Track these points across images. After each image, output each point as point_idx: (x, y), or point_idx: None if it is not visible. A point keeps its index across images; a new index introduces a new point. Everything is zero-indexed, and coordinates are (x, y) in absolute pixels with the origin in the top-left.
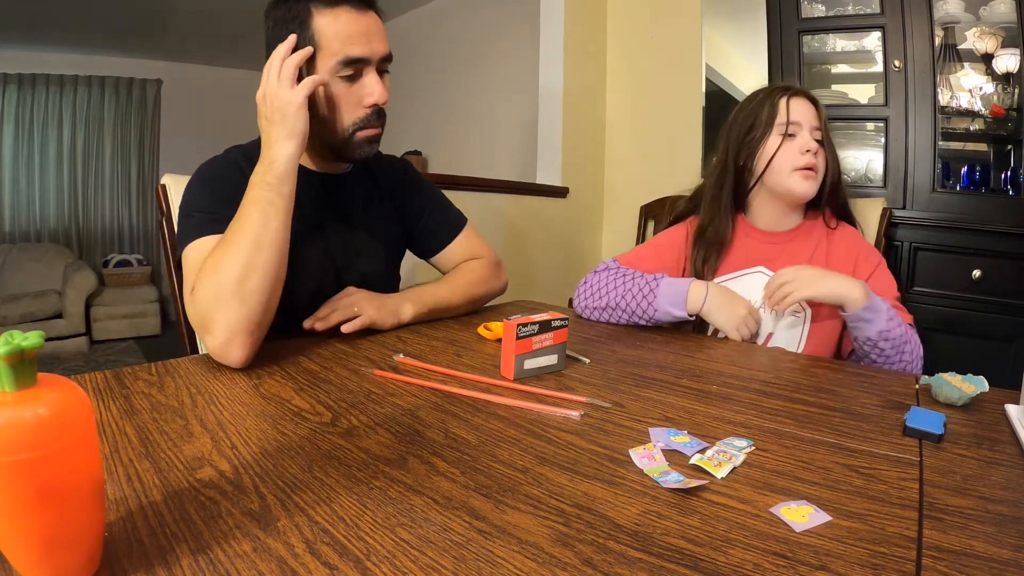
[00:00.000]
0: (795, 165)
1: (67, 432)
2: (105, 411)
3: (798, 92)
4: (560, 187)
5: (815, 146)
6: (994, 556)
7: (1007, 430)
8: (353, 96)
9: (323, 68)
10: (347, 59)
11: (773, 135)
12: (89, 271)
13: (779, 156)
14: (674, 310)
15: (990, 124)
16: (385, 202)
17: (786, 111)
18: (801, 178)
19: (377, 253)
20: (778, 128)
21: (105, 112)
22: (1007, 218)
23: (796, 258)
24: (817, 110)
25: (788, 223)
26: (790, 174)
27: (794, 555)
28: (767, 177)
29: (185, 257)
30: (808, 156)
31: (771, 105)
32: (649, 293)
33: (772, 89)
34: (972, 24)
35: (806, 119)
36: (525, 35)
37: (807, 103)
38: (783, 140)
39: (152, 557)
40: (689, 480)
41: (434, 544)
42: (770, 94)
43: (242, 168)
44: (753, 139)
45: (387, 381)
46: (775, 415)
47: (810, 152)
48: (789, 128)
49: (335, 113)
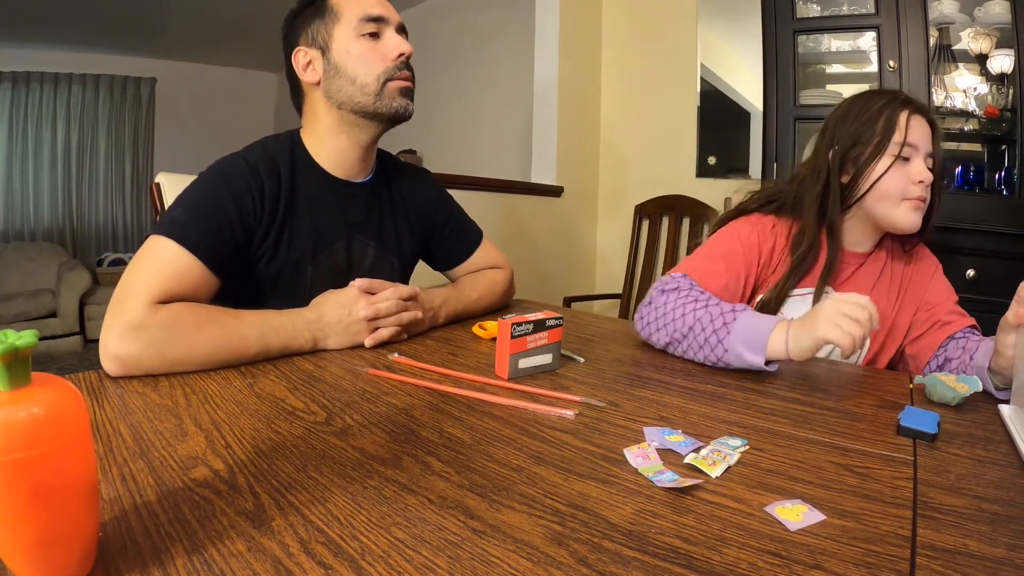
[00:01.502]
0: (906, 195)
1: (61, 431)
2: (99, 410)
3: (920, 109)
4: (555, 186)
5: (929, 177)
6: (988, 555)
7: (1001, 430)
8: (378, 52)
9: (345, 31)
10: (367, 16)
11: (886, 155)
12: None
13: (889, 180)
14: (748, 354)
15: (984, 124)
16: (402, 214)
17: (904, 130)
18: (910, 209)
19: (392, 265)
20: (893, 147)
21: (100, 110)
22: (1001, 218)
23: (864, 282)
24: (934, 134)
25: (867, 245)
26: (898, 203)
27: (788, 554)
28: (869, 201)
29: (153, 245)
30: (921, 187)
31: (889, 119)
32: (722, 327)
33: (891, 98)
34: (967, 25)
35: (923, 143)
36: (520, 35)
37: (926, 124)
38: (895, 162)
39: (146, 557)
40: (684, 479)
41: (429, 543)
42: (889, 104)
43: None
44: (863, 154)
45: (382, 380)
46: (769, 414)
47: (923, 183)
48: (904, 151)
49: (363, 67)
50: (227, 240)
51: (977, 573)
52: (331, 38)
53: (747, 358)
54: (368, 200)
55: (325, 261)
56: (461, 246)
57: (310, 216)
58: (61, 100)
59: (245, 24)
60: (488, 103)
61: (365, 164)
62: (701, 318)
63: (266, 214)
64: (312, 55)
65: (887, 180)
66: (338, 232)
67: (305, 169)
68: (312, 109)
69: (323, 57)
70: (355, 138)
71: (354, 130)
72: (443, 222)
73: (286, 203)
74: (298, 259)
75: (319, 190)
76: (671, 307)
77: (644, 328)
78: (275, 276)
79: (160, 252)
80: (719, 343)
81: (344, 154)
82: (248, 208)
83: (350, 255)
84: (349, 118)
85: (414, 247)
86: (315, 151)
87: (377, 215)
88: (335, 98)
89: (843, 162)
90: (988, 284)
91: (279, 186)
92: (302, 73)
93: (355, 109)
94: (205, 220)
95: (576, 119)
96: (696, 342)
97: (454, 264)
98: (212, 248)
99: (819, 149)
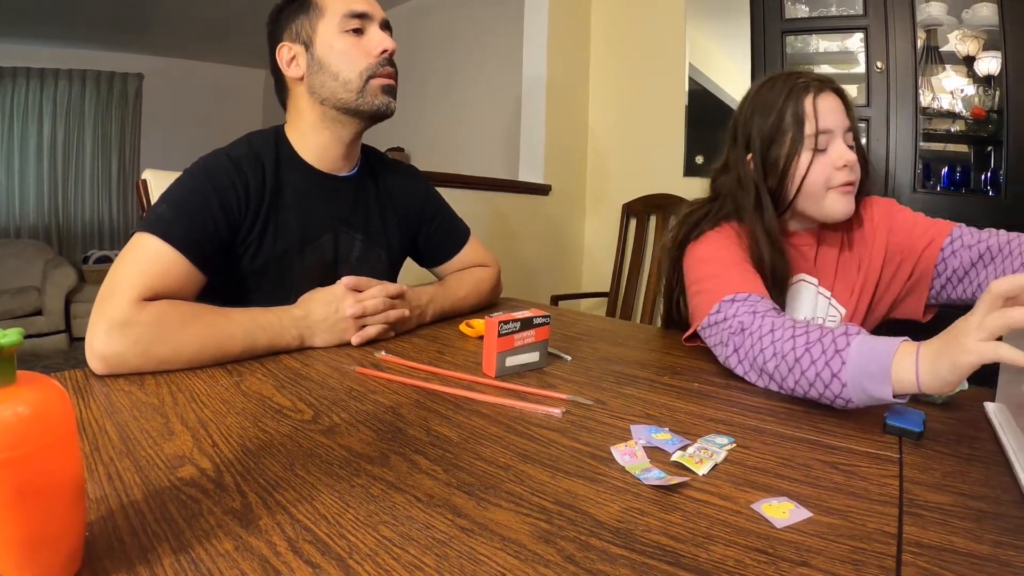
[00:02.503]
0: (830, 184)
1: (47, 430)
2: (85, 409)
3: (822, 87)
4: (543, 184)
5: (851, 158)
6: (974, 552)
7: (986, 427)
8: (361, 48)
9: (329, 27)
10: (351, 12)
11: (804, 150)
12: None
13: (812, 176)
14: (873, 387)
15: (971, 126)
16: (389, 209)
17: (815, 118)
18: (839, 196)
19: (379, 260)
20: (808, 141)
21: (86, 106)
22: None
23: (829, 255)
24: (845, 103)
25: (812, 222)
26: (826, 194)
27: (775, 551)
28: (798, 201)
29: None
30: (846, 171)
31: (795, 112)
32: (834, 358)
33: (792, 87)
34: (955, 27)
35: (837, 122)
36: (509, 33)
37: (834, 99)
38: (814, 156)
39: (133, 556)
40: (671, 477)
41: (416, 542)
42: (791, 94)
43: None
44: (781, 156)
45: (369, 378)
46: (756, 412)
47: (847, 167)
48: (820, 140)
49: (346, 63)
50: (212, 236)
51: (963, 569)
52: (315, 33)
53: (870, 389)
54: (354, 193)
55: (312, 254)
56: (448, 242)
57: (296, 210)
58: (47, 96)
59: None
60: (476, 102)
61: (349, 158)
62: (806, 347)
63: (251, 209)
64: (296, 50)
65: (810, 176)
66: (324, 225)
67: (290, 163)
68: (295, 104)
69: (307, 52)
70: (337, 133)
71: (336, 126)
72: (430, 217)
73: (271, 197)
74: (284, 252)
75: (304, 184)
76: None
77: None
78: (261, 270)
79: (145, 249)
80: (834, 377)
81: (327, 149)
82: (232, 203)
83: (337, 248)
84: (331, 114)
85: (402, 242)
86: (299, 145)
87: (363, 208)
88: (318, 94)
89: (765, 168)
90: None
91: (263, 180)
92: (286, 68)
93: (337, 105)
94: (189, 216)
95: (564, 118)
96: (805, 378)
97: (441, 261)
98: (197, 244)
99: (736, 156)
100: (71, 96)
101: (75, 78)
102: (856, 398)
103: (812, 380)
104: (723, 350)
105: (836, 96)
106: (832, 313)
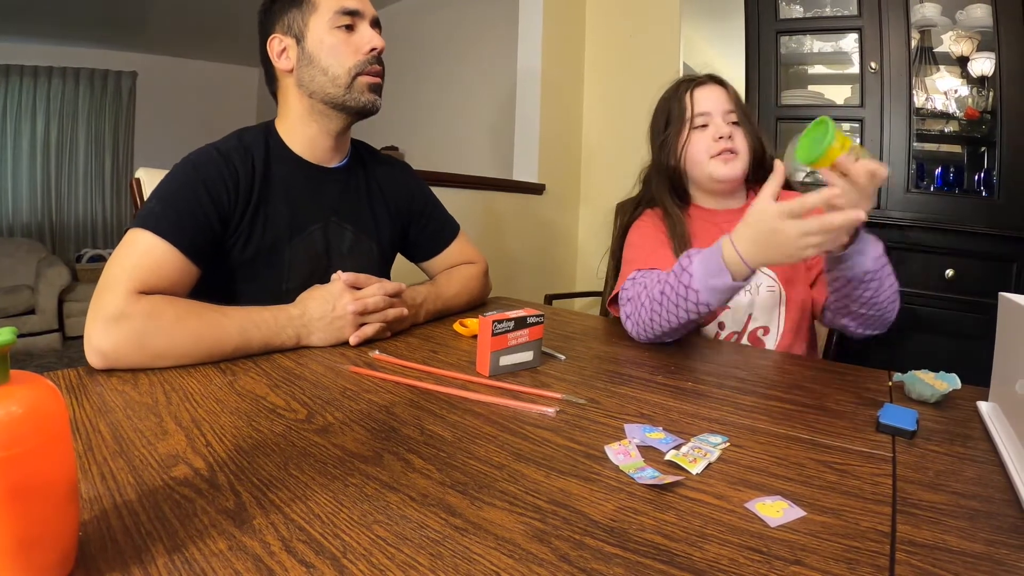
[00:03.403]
0: (710, 152)
1: (40, 430)
2: (79, 409)
3: (702, 81)
4: (537, 184)
5: (727, 130)
6: (967, 550)
7: (979, 426)
8: (351, 45)
9: (321, 22)
10: (343, 9)
11: (685, 130)
12: (62, 266)
13: (692, 148)
14: (713, 279)
15: (964, 126)
16: (379, 201)
17: (690, 104)
18: (720, 163)
19: (370, 252)
20: (688, 123)
21: (80, 104)
22: (980, 219)
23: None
24: (727, 92)
25: (736, 202)
26: (708, 162)
27: (769, 550)
28: (690, 171)
29: (129, 238)
30: (722, 142)
31: (678, 101)
32: (682, 273)
33: (678, 84)
34: (948, 27)
35: (716, 106)
36: (504, 32)
37: (714, 88)
38: (691, 132)
39: (127, 556)
40: (664, 476)
41: (410, 541)
42: (676, 91)
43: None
44: (668, 137)
45: (363, 378)
46: (750, 411)
47: (723, 138)
48: (697, 120)
49: (335, 59)
50: (202, 227)
51: (956, 568)
52: (306, 27)
53: (714, 284)
54: (343, 185)
55: (302, 244)
56: (438, 237)
57: (285, 200)
58: (40, 94)
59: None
60: (471, 101)
61: (339, 151)
62: (666, 281)
63: (240, 200)
64: (287, 43)
65: (691, 147)
66: (314, 216)
67: (279, 155)
68: (284, 96)
69: (297, 46)
70: (325, 126)
71: (323, 119)
72: (420, 210)
73: (260, 188)
74: (274, 243)
75: (293, 175)
76: (639, 293)
77: (640, 332)
78: (251, 261)
79: (136, 244)
80: (688, 288)
81: (315, 140)
82: (221, 195)
83: (327, 238)
84: (319, 107)
85: (392, 234)
86: (288, 137)
87: (353, 199)
88: (307, 87)
89: (661, 151)
90: (967, 284)
91: (253, 172)
92: (276, 60)
93: (325, 99)
94: (178, 209)
95: (558, 117)
96: (672, 304)
97: (430, 255)
98: (188, 236)
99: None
100: (64, 94)
101: (68, 76)
102: (710, 298)
103: (675, 302)
104: (624, 320)
105: (717, 86)
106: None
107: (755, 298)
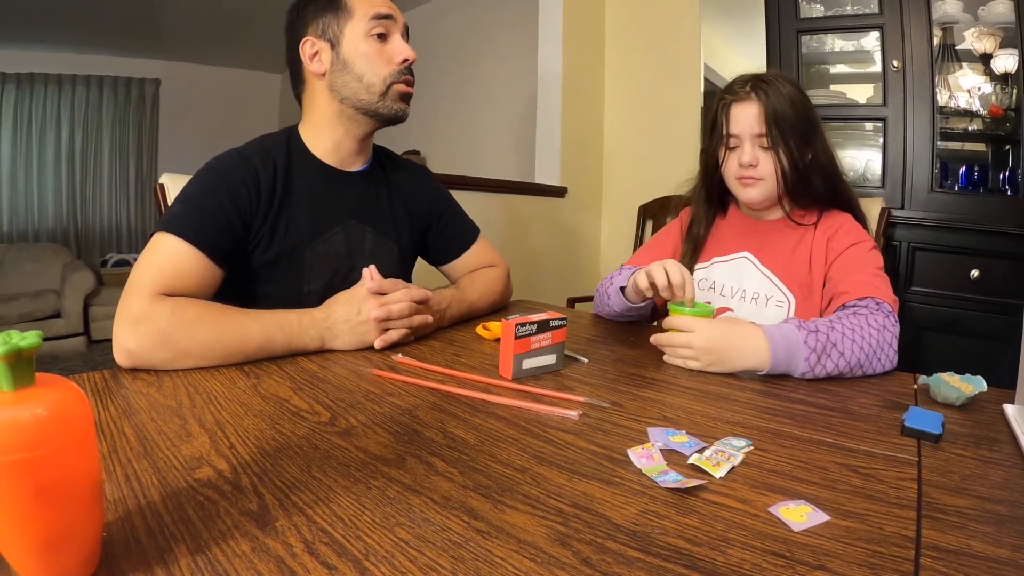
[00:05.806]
0: (736, 176)
1: (65, 432)
2: (103, 411)
3: (741, 97)
4: (559, 187)
5: (749, 158)
6: (992, 556)
7: (1005, 430)
8: (385, 54)
9: (356, 29)
10: (378, 14)
11: (722, 148)
12: (87, 271)
13: (725, 166)
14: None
15: (988, 124)
16: (399, 205)
17: (726, 123)
18: (741, 187)
19: (391, 254)
20: (724, 140)
21: (103, 112)
22: (1005, 218)
23: (780, 249)
24: (762, 109)
25: (770, 215)
26: (734, 183)
27: (792, 555)
28: (728, 186)
29: (154, 242)
30: (744, 169)
31: (716, 119)
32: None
33: (719, 99)
34: (971, 24)
35: (746, 129)
36: (524, 34)
37: (750, 107)
38: (727, 153)
39: (150, 557)
40: (687, 480)
41: (433, 544)
42: (717, 104)
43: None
44: (712, 147)
45: (385, 381)
46: (773, 415)
47: (743, 166)
48: (731, 141)
49: (371, 68)
50: (225, 230)
51: (981, 574)
52: (342, 34)
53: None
54: (364, 188)
55: (323, 247)
56: (458, 240)
57: (306, 204)
58: (65, 101)
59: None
60: (492, 104)
61: (361, 155)
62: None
63: (262, 203)
64: (320, 46)
65: (725, 165)
66: (335, 219)
67: (301, 159)
68: (311, 98)
69: (332, 51)
70: (352, 131)
71: (352, 124)
72: (439, 214)
73: (282, 191)
74: (295, 245)
75: (314, 178)
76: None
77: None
78: (272, 263)
79: (160, 247)
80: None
81: (340, 144)
82: (243, 198)
83: (348, 241)
84: (348, 112)
85: (412, 237)
86: (311, 141)
87: (374, 202)
88: (339, 92)
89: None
90: (992, 284)
91: (274, 175)
92: (308, 63)
93: (357, 105)
94: (201, 213)
95: (580, 120)
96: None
97: (450, 258)
98: (210, 238)
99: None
100: (89, 102)
101: (93, 84)
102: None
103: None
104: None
105: (755, 104)
106: (780, 298)
107: (761, 310)
